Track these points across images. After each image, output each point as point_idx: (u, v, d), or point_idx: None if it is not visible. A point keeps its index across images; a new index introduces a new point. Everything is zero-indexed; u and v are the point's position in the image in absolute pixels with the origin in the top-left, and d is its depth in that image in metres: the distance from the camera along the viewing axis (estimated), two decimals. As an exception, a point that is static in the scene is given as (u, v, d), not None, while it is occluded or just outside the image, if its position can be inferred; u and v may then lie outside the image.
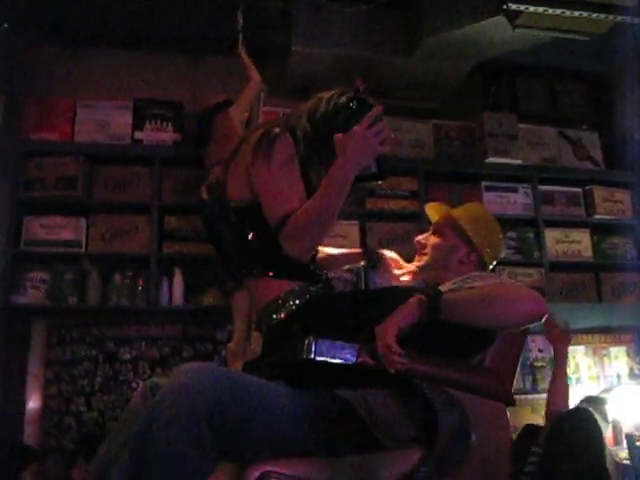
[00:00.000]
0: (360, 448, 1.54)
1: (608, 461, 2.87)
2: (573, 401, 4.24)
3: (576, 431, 2.87)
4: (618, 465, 3.62)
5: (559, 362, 3.09)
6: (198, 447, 1.31)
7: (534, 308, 1.63)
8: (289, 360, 1.54)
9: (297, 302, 1.75)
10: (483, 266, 2.12)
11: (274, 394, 1.49)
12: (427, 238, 2.17)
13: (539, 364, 4.55)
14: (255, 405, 1.42)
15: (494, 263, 2.20)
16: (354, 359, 1.52)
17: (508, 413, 1.67)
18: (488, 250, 2.11)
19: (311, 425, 1.49)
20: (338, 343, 1.53)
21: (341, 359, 1.51)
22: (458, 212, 2.17)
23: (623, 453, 3.73)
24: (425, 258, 2.12)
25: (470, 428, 1.52)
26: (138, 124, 4.22)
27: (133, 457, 1.32)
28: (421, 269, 2.14)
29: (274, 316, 1.76)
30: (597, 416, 3.06)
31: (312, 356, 1.50)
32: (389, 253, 2.33)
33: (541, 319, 1.63)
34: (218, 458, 1.37)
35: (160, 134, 4.21)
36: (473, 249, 2.08)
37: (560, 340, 3.05)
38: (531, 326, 1.67)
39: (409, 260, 2.29)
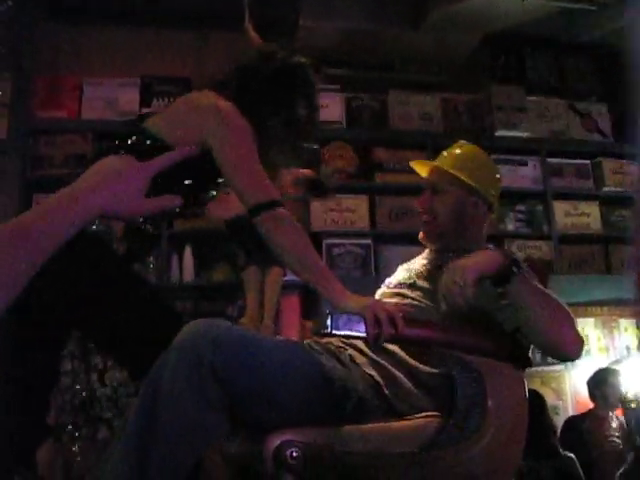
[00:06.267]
0: (378, 416, 1.55)
1: None
2: (584, 373, 4.29)
3: None
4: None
5: None
6: (204, 398, 1.32)
7: (572, 351, 1.58)
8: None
9: None
10: (491, 210, 1.92)
11: (287, 353, 1.49)
12: (428, 199, 1.89)
13: (548, 337, 4.55)
14: (262, 360, 1.42)
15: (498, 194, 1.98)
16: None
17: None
18: (493, 192, 1.91)
19: (326, 389, 1.49)
20: (355, 317, 1.54)
21: (358, 331, 1.52)
22: (449, 161, 1.92)
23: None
24: (436, 223, 1.86)
25: (487, 394, 1.53)
26: (146, 101, 4.21)
27: (142, 411, 1.34)
28: (438, 237, 1.88)
29: None
30: None
31: (329, 330, 1.51)
32: None
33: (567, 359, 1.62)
34: (228, 414, 1.38)
35: (168, 110, 4.20)
36: (479, 197, 1.87)
37: None
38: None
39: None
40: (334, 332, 1.50)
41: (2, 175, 3.87)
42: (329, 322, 1.49)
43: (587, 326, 4.69)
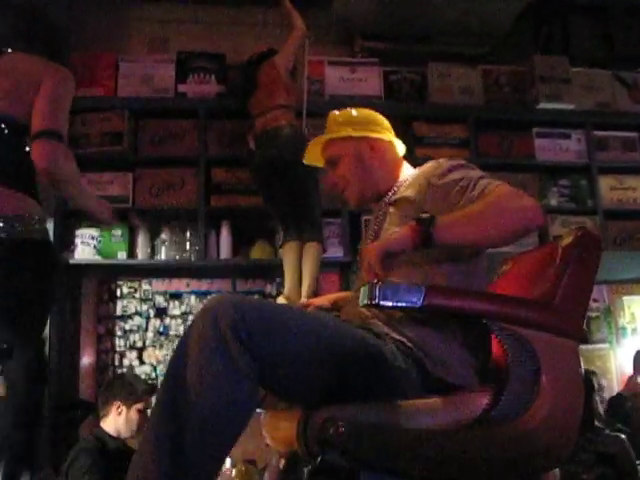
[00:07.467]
0: (418, 388, 1.51)
1: None
2: (630, 352, 4.20)
3: None
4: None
5: None
6: (233, 365, 1.25)
7: (531, 221, 1.53)
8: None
9: None
10: (391, 142, 1.97)
11: (319, 324, 1.43)
12: (333, 174, 1.97)
13: (593, 314, 4.45)
14: (289, 328, 1.35)
15: (392, 133, 2.00)
16: (420, 302, 1.46)
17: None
18: (380, 128, 1.95)
19: (361, 361, 1.43)
20: (402, 286, 1.47)
21: (407, 302, 1.45)
22: (328, 132, 1.99)
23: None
24: (351, 187, 1.93)
25: (541, 369, 1.46)
26: (181, 77, 4.17)
27: (170, 384, 1.28)
28: (360, 195, 1.94)
29: None
30: None
31: (376, 301, 1.43)
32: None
33: (536, 230, 1.55)
34: (258, 383, 1.31)
35: (203, 86, 4.16)
36: (369, 140, 1.92)
37: None
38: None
39: None
40: (382, 303, 1.42)
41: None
42: (377, 293, 1.41)
43: (633, 304, 4.58)
